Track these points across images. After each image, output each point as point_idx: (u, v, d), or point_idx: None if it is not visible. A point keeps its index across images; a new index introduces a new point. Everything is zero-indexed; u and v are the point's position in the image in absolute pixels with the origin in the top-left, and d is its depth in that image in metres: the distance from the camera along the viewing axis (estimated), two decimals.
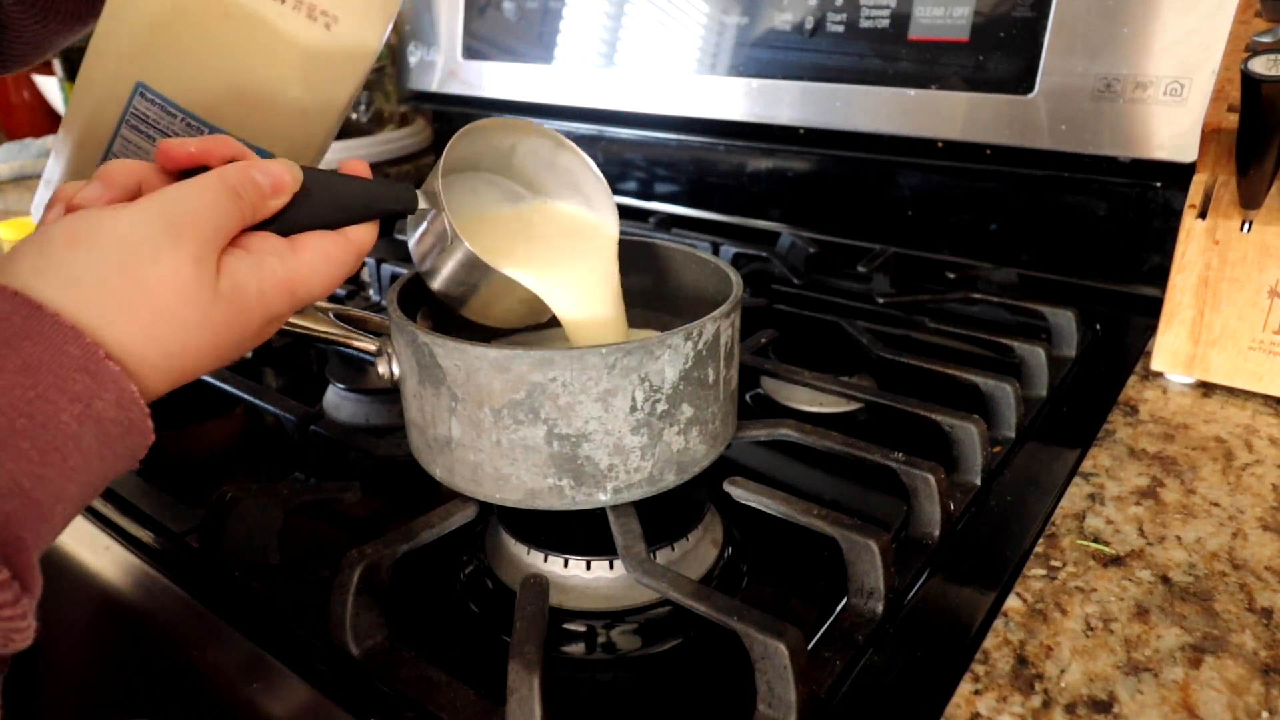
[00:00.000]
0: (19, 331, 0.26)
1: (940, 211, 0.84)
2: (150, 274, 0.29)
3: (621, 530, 0.41)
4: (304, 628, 0.40)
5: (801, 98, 0.85)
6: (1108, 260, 0.76)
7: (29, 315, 0.27)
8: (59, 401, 0.26)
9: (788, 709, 0.34)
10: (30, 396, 0.26)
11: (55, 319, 0.27)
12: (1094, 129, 0.71)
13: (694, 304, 0.49)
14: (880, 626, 0.39)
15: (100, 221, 0.30)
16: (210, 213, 0.32)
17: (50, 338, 0.27)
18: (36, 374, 0.26)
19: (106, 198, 0.33)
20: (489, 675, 0.35)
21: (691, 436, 0.41)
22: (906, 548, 0.44)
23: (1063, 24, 0.70)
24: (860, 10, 0.79)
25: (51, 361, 0.27)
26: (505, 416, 0.38)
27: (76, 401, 0.27)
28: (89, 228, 0.29)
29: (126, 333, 0.29)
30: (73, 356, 0.27)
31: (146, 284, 0.29)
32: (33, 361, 0.26)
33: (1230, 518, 0.46)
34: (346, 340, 0.44)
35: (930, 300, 0.76)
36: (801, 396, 0.61)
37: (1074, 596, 0.40)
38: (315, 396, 0.62)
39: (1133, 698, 0.34)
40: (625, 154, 1.04)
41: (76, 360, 0.27)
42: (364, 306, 0.75)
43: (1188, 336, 0.58)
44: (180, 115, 0.48)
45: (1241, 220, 0.55)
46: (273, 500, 0.45)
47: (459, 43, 1.10)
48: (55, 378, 0.27)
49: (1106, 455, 0.51)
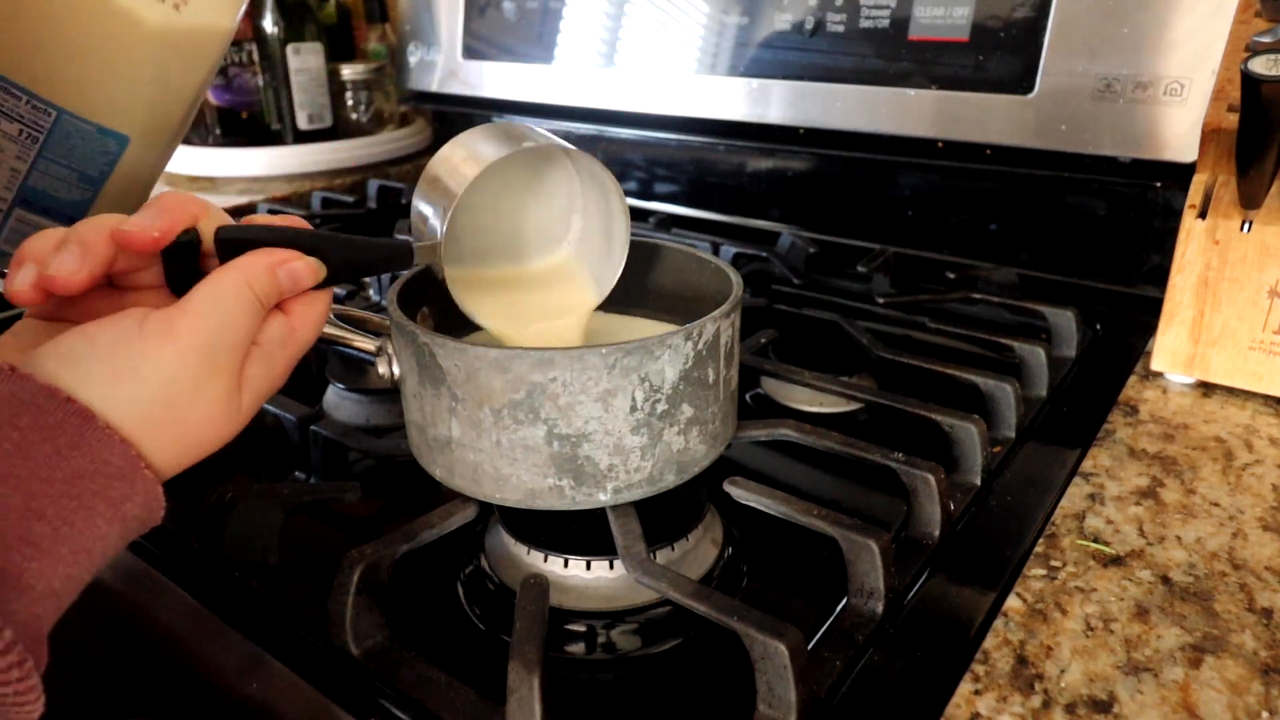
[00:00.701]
0: (72, 441, 0.27)
1: (940, 211, 0.84)
2: (189, 412, 0.31)
3: (621, 530, 0.41)
4: (304, 628, 0.40)
5: (801, 98, 0.85)
6: (1108, 260, 0.76)
7: (81, 426, 0.28)
8: (97, 508, 0.28)
9: (788, 709, 0.34)
10: (74, 505, 0.27)
11: (106, 432, 0.28)
12: (1094, 129, 0.71)
13: (694, 304, 0.49)
14: (880, 626, 0.39)
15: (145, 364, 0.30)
16: (245, 338, 0.32)
17: (98, 449, 0.28)
18: (82, 483, 0.27)
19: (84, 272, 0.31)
20: (489, 675, 0.35)
21: (691, 436, 0.41)
22: (906, 548, 0.44)
23: (1063, 24, 0.70)
24: (860, 10, 0.79)
25: (95, 471, 0.28)
26: (505, 416, 0.38)
27: (111, 506, 0.28)
28: (133, 369, 0.29)
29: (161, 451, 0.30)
30: (115, 466, 0.28)
31: (186, 420, 0.31)
32: (81, 471, 0.27)
33: (1230, 518, 0.46)
34: (346, 340, 0.44)
35: (930, 300, 0.76)
36: (801, 396, 0.61)
37: (1074, 596, 0.40)
38: (315, 396, 0.62)
39: (1133, 698, 0.34)
40: (625, 154, 1.04)
41: (119, 470, 0.28)
42: (364, 306, 0.75)
43: (1188, 336, 0.58)
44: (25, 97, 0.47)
45: (1241, 220, 0.55)
46: (273, 500, 0.45)
47: (459, 43, 1.10)
48: (98, 486, 0.28)
49: (1106, 455, 0.51)
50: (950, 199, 0.83)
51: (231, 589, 0.43)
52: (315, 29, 1.17)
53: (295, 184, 1.15)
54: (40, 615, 0.26)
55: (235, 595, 0.42)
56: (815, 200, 0.92)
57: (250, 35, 1.13)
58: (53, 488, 0.26)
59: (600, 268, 0.49)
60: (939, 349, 0.70)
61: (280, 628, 0.40)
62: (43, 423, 0.27)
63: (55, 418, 0.27)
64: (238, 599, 0.42)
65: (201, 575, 0.43)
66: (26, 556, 0.25)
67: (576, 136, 1.06)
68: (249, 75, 1.16)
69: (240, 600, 0.42)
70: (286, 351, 0.35)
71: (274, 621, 0.40)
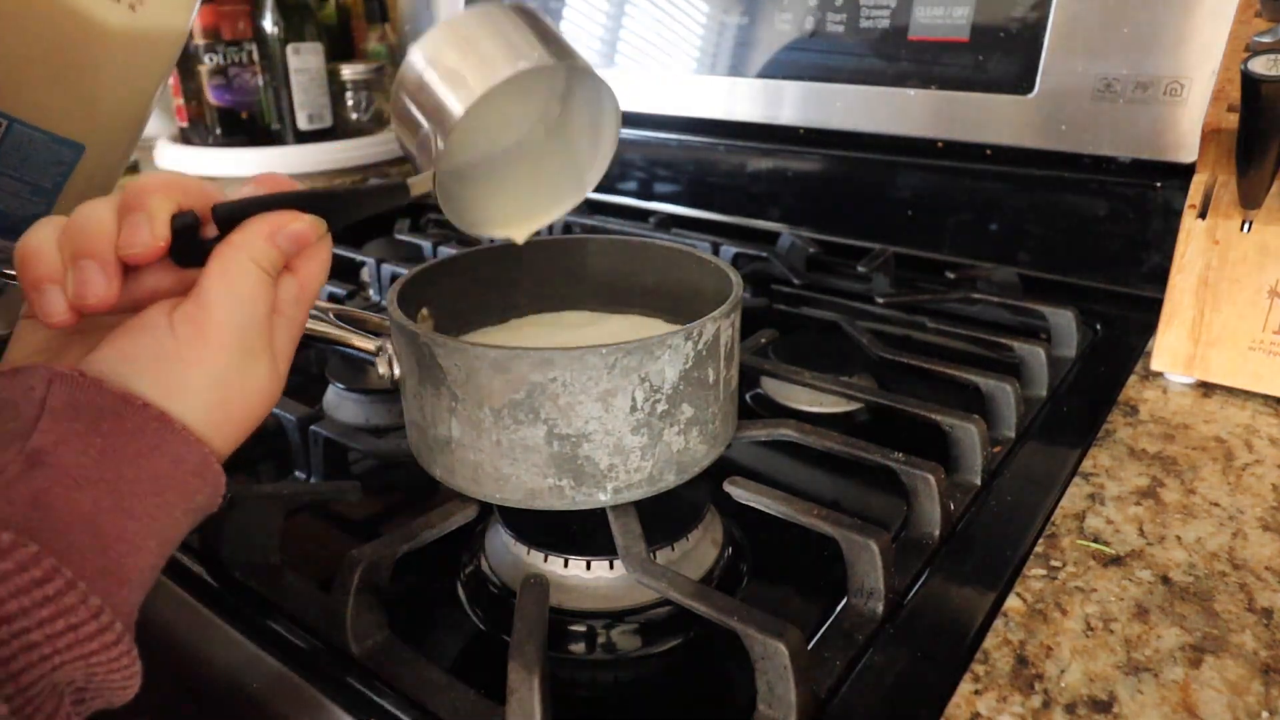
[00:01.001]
0: (151, 444, 0.29)
1: (940, 211, 0.84)
2: (240, 398, 0.33)
3: (621, 530, 0.41)
4: (304, 628, 0.40)
5: (802, 98, 0.85)
6: (1108, 260, 0.76)
7: (160, 430, 0.30)
8: (176, 503, 0.30)
9: (788, 709, 0.34)
10: (158, 503, 0.29)
11: (183, 435, 0.30)
12: (1094, 129, 0.71)
13: (694, 304, 0.49)
14: (880, 626, 0.39)
15: (189, 373, 0.31)
16: (266, 311, 0.33)
17: (176, 449, 0.30)
18: (163, 482, 0.29)
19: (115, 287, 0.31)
20: (489, 675, 0.35)
21: (691, 436, 0.41)
22: (906, 548, 0.44)
23: (1063, 24, 0.70)
24: (860, 10, 0.79)
25: (175, 470, 0.30)
26: (505, 416, 0.38)
27: (186, 498, 0.30)
28: (182, 381, 0.31)
29: (221, 437, 0.32)
30: (191, 464, 0.30)
31: (239, 405, 0.33)
32: (161, 472, 0.29)
33: (1230, 518, 0.46)
34: (346, 340, 0.44)
35: (930, 300, 0.76)
36: (801, 396, 0.61)
37: (1074, 596, 0.40)
38: (315, 396, 0.62)
39: (1133, 698, 0.34)
40: (625, 154, 1.04)
41: (194, 467, 0.30)
42: (364, 306, 0.75)
43: (1188, 336, 0.58)
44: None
45: (1241, 220, 0.55)
46: (273, 500, 0.45)
47: None
48: (178, 484, 0.30)
49: (1106, 455, 0.51)
50: (950, 199, 0.83)
51: (231, 589, 0.43)
52: (315, 29, 1.17)
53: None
54: (135, 604, 0.28)
55: (235, 595, 0.42)
56: (815, 200, 0.92)
57: (250, 35, 1.13)
58: (139, 487, 0.28)
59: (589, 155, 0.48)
60: (939, 349, 0.70)
61: (280, 628, 0.40)
62: (123, 428, 0.29)
63: (135, 423, 0.29)
64: (238, 599, 0.42)
65: (201, 575, 0.44)
66: (123, 553, 0.27)
67: None
68: (249, 75, 1.16)
69: (240, 600, 0.42)
70: (301, 307, 0.36)
71: (274, 621, 0.40)
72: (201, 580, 0.43)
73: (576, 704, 0.39)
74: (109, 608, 0.26)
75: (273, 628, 0.40)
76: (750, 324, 0.59)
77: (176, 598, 0.42)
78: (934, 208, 0.84)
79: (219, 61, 1.14)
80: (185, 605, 0.42)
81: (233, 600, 0.42)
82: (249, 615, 0.41)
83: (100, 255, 0.31)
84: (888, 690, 0.36)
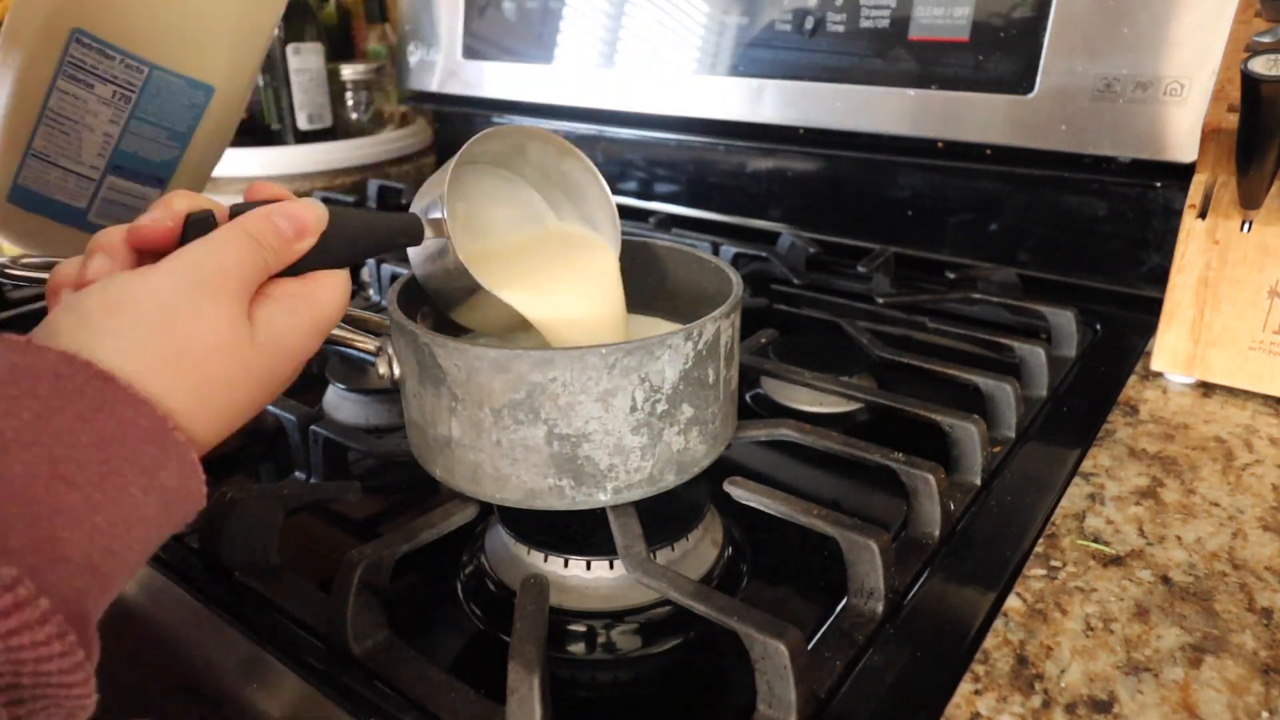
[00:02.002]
0: (94, 405, 0.26)
1: (940, 211, 0.84)
2: (193, 335, 0.30)
3: (621, 530, 0.41)
4: (304, 628, 0.40)
5: (802, 98, 0.85)
6: (1108, 260, 0.76)
7: (103, 387, 0.27)
8: (129, 474, 0.27)
9: (788, 709, 0.34)
10: (104, 471, 0.26)
11: (128, 391, 0.27)
12: (1094, 129, 0.71)
13: (694, 304, 0.49)
14: (880, 626, 0.39)
15: (134, 288, 0.29)
16: (237, 268, 0.32)
17: (122, 411, 0.27)
18: (110, 448, 0.26)
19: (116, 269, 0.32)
20: (489, 675, 0.36)
21: (691, 436, 0.41)
22: (906, 548, 0.44)
23: (1063, 24, 0.70)
24: (860, 10, 0.79)
25: (123, 434, 0.27)
26: (505, 416, 0.38)
27: (144, 474, 0.27)
28: (125, 295, 0.29)
29: (181, 399, 0.29)
30: (143, 429, 0.27)
31: (191, 346, 0.30)
32: (107, 435, 0.26)
33: (1230, 518, 0.46)
34: (346, 340, 0.44)
35: (930, 300, 0.76)
36: (801, 396, 0.61)
37: (1074, 596, 0.40)
38: (315, 396, 0.62)
39: (1133, 698, 0.34)
40: (625, 154, 1.04)
41: (146, 432, 0.27)
42: (364, 306, 0.75)
43: (1188, 336, 0.58)
44: (119, 56, 0.48)
45: (1241, 220, 0.55)
46: (273, 500, 0.45)
47: (459, 43, 1.10)
48: (128, 451, 0.27)
49: (1106, 455, 0.51)
50: (950, 199, 0.83)
51: (231, 589, 0.43)
52: (315, 29, 1.17)
53: (295, 184, 1.15)
54: (83, 590, 0.25)
55: (235, 595, 0.42)
56: (815, 200, 0.92)
57: None
58: (78, 453, 0.25)
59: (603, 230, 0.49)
60: (939, 349, 0.70)
61: (280, 628, 0.40)
62: (62, 389, 0.26)
63: (75, 383, 0.26)
64: (238, 599, 0.42)
65: (201, 575, 0.43)
66: (59, 525, 0.24)
67: (576, 136, 1.06)
68: None
69: (240, 600, 0.42)
70: (311, 311, 0.34)
71: (274, 621, 0.40)
72: (201, 580, 0.43)
73: (576, 704, 0.39)
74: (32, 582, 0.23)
75: (273, 628, 0.40)
76: (750, 324, 0.59)
77: (176, 597, 0.42)
78: (934, 208, 0.84)
79: None
80: (185, 605, 0.42)
81: (233, 600, 0.42)
82: (249, 615, 0.41)
83: (111, 244, 0.32)
84: (888, 690, 0.36)
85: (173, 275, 0.30)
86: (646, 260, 0.52)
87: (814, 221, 0.92)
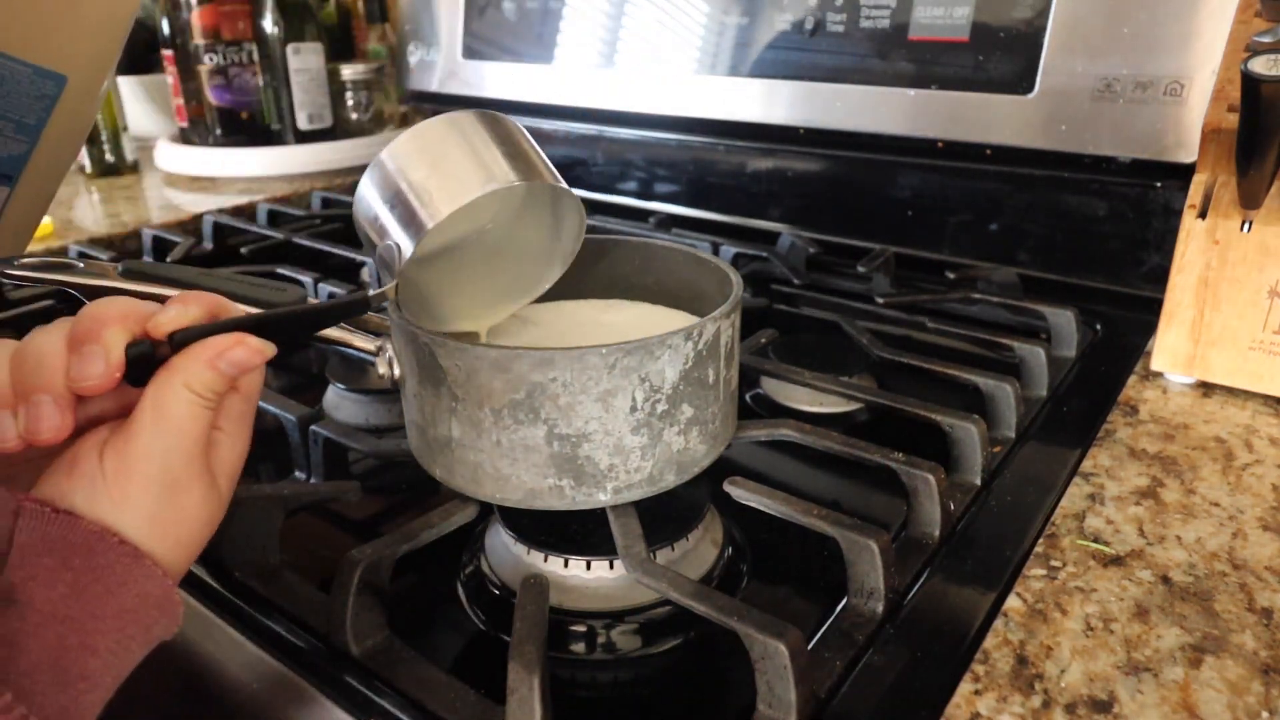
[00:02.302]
0: (120, 580, 0.29)
1: (940, 211, 0.84)
2: (181, 527, 0.32)
3: (621, 530, 0.41)
4: (304, 628, 0.40)
5: (801, 98, 0.85)
6: (1108, 260, 0.76)
7: (130, 565, 0.30)
8: (137, 636, 0.30)
9: (788, 709, 0.34)
10: (121, 638, 0.29)
11: (146, 565, 0.30)
12: (1094, 129, 0.71)
13: (694, 304, 0.49)
14: (880, 626, 0.39)
15: (118, 511, 0.30)
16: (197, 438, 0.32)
17: (142, 584, 0.30)
18: (128, 616, 0.29)
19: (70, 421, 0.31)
20: (489, 675, 0.36)
21: (691, 436, 0.41)
22: (906, 548, 0.44)
23: (1063, 24, 0.70)
24: (860, 10, 0.79)
25: (141, 605, 0.30)
26: (505, 416, 0.38)
27: (146, 631, 0.30)
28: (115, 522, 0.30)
29: (175, 559, 0.32)
30: (155, 597, 0.30)
31: (185, 513, 0.32)
32: (127, 606, 0.29)
33: (1230, 518, 0.46)
34: (346, 340, 0.44)
35: (930, 300, 0.76)
36: (801, 396, 0.61)
37: (1074, 596, 0.40)
38: (315, 396, 0.62)
39: (1133, 698, 0.34)
40: (625, 154, 1.04)
41: (158, 600, 0.30)
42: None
43: (1188, 336, 0.58)
44: None
45: (1241, 220, 0.55)
46: (273, 500, 0.45)
47: (459, 43, 1.10)
48: (140, 618, 0.30)
49: (1106, 455, 0.51)
50: (950, 199, 0.83)
51: (231, 589, 0.43)
52: (315, 29, 1.17)
53: (295, 184, 1.15)
54: None
55: (235, 595, 0.42)
56: (815, 200, 0.92)
57: (250, 35, 1.14)
58: (104, 624, 0.28)
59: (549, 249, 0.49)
60: (939, 349, 0.70)
61: (280, 628, 0.40)
62: (93, 564, 0.29)
63: (106, 559, 0.29)
64: (238, 599, 0.42)
65: (201, 575, 0.43)
66: (82, 690, 0.27)
67: (576, 136, 1.06)
68: (249, 75, 1.16)
69: (240, 600, 0.42)
70: (245, 422, 0.35)
71: (274, 621, 0.40)
72: (201, 580, 0.43)
73: (576, 704, 0.39)
74: None
75: (273, 628, 0.40)
76: (750, 324, 0.59)
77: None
78: (934, 208, 0.84)
79: (219, 61, 1.14)
80: (185, 605, 0.42)
81: (233, 600, 0.42)
82: (249, 615, 0.41)
83: (53, 389, 0.30)
84: (888, 690, 0.36)
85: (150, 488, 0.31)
86: (646, 260, 0.52)
87: (814, 221, 0.92)
